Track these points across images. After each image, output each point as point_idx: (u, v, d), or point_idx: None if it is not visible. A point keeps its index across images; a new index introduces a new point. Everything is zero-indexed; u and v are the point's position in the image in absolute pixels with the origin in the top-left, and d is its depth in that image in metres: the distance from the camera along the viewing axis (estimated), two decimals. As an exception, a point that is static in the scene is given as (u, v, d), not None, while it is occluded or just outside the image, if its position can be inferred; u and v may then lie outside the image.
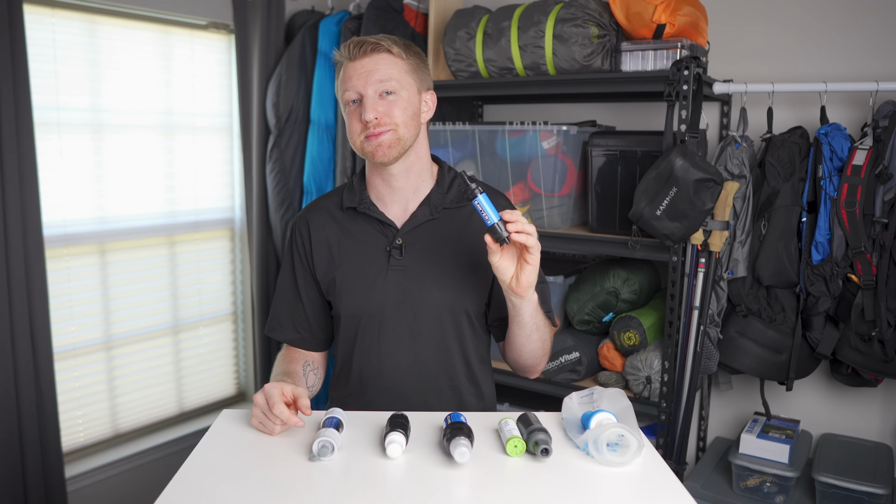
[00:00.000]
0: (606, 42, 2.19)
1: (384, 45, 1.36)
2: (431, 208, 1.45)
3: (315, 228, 1.49)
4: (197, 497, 1.04)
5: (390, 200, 1.46)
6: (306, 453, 1.17)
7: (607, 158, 2.24)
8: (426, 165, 1.48)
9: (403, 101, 1.37)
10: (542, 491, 1.07)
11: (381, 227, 1.45)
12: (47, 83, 2.41)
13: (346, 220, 1.48)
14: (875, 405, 2.25)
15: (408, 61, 1.39)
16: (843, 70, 2.21)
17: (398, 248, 1.43)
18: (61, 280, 2.51)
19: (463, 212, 1.47)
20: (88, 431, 2.68)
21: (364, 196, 1.47)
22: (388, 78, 1.35)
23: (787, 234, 2.05)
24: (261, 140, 2.95)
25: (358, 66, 1.35)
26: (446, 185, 1.48)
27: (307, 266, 1.50)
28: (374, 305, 1.43)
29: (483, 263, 1.44)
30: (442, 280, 1.43)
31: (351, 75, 1.36)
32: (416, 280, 1.43)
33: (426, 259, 1.44)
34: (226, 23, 2.93)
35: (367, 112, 1.33)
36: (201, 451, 1.18)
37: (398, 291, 1.42)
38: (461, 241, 1.45)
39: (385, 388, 1.47)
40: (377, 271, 1.43)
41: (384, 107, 1.35)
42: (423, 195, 1.47)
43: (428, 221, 1.45)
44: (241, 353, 3.24)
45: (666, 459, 1.72)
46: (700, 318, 2.10)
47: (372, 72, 1.35)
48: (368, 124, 1.34)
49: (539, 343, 1.44)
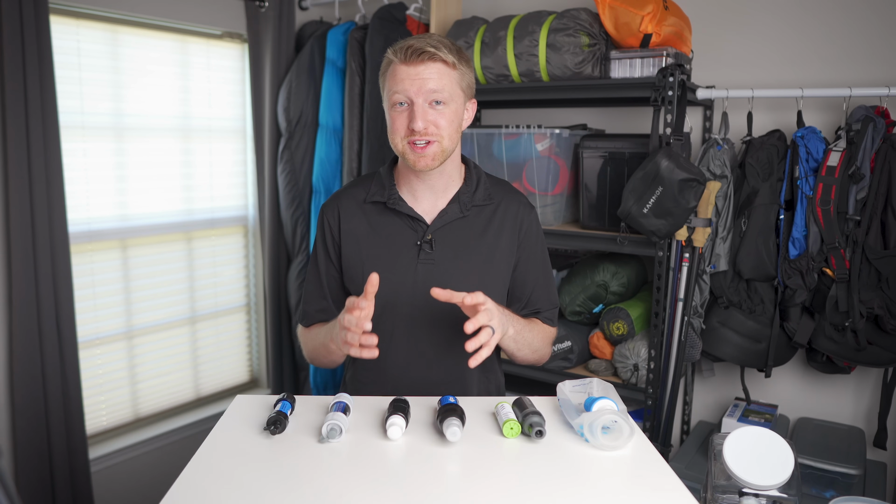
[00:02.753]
0: (596, 50, 2.18)
1: (440, 55, 1.30)
2: (461, 206, 1.42)
3: (345, 218, 1.44)
4: (215, 477, 1.04)
5: (422, 197, 1.43)
6: (316, 435, 1.17)
7: (597, 159, 2.24)
8: (457, 165, 1.45)
9: (451, 112, 1.34)
10: (535, 469, 1.07)
11: (410, 221, 1.42)
12: (72, 89, 2.41)
13: (374, 212, 1.44)
14: (848, 391, 2.25)
15: (459, 71, 1.35)
16: (818, 77, 2.21)
17: (428, 243, 1.40)
18: (85, 274, 2.51)
19: (487, 209, 1.45)
20: (111, 416, 2.68)
21: (393, 191, 1.43)
22: (440, 88, 1.31)
23: (765, 230, 2.05)
24: (272, 142, 2.95)
25: (412, 71, 1.30)
26: (474, 183, 1.45)
27: (336, 252, 1.46)
28: (404, 296, 1.40)
29: (504, 258, 1.44)
30: (468, 274, 1.41)
31: (403, 78, 1.30)
32: (444, 273, 1.39)
33: (454, 254, 1.41)
34: (240, 32, 2.92)
35: (417, 121, 1.30)
36: (217, 434, 1.18)
37: (427, 283, 1.37)
38: (485, 237, 1.43)
39: (408, 377, 1.44)
40: (407, 263, 1.40)
41: (433, 116, 1.32)
42: (452, 193, 1.44)
43: (457, 219, 1.42)
44: (254, 342, 3.24)
45: (652, 442, 1.72)
46: (684, 309, 2.10)
47: (426, 80, 1.30)
48: (416, 132, 1.31)
49: (529, 352, 1.43)
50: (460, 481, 1.04)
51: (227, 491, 1.00)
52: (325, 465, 1.08)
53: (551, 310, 1.53)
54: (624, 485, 1.04)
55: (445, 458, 1.10)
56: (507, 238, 1.44)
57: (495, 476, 1.05)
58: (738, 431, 1.09)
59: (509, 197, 1.48)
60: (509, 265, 1.45)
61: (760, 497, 1.03)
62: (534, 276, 1.49)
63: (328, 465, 1.08)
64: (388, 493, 0.99)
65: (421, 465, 1.08)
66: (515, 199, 1.48)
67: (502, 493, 1.00)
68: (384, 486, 1.01)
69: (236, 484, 1.02)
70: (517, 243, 1.46)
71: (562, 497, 0.99)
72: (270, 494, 0.99)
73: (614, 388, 1.27)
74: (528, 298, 1.49)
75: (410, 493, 0.99)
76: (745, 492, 1.04)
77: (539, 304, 1.51)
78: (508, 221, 1.45)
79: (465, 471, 1.07)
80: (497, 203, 1.46)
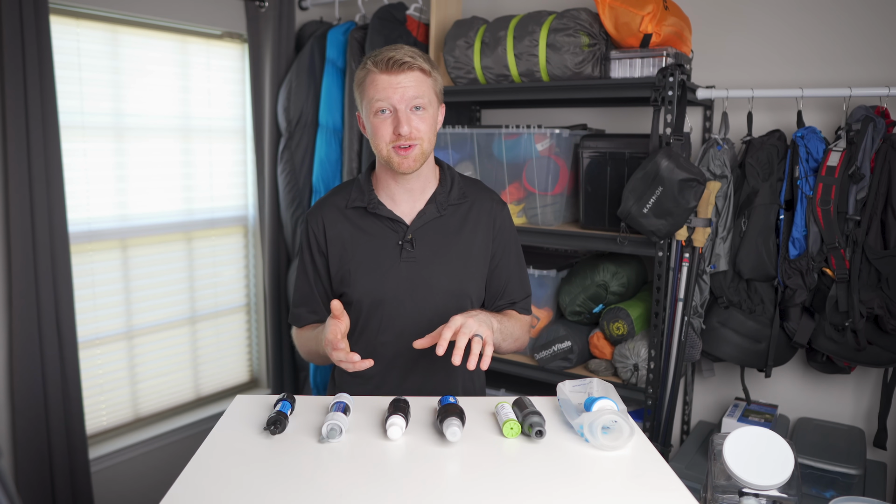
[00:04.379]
0: (596, 50, 2.18)
1: (418, 64, 1.38)
2: (438, 206, 1.50)
3: (329, 225, 1.51)
4: (215, 477, 1.04)
5: (400, 199, 1.50)
6: (316, 435, 1.17)
7: (597, 159, 2.24)
8: (432, 168, 1.54)
9: (430, 117, 1.42)
10: (535, 469, 1.07)
11: (391, 223, 1.49)
12: (72, 89, 2.40)
13: (356, 217, 1.51)
14: (848, 391, 2.25)
15: (433, 78, 1.43)
16: (818, 77, 2.21)
17: (409, 242, 1.47)
18: (85, 274, 2.51)
19: (462, 207, 1.53)
20: (111, 415, 2.68)
21: (372, 196, 1.50)
22: (420, 95, 1.39)
23: (765, 230, 2.05)
24: (272, 142, 2.95)
25: (393, 80, 1.37)
26: (449, 184, 1.53)
27: (323, 259, 1.52)
28: (389, 293, 1.47)
29: (480, 253, 1.52)
30: (448, 269, 1.48)
31: (385, 87, 1.37)
32: (426, 270, 1.47)
33: (434, 251, 1.48)
34: (240, 32, 2.92)
35: (403, 126, 1.37)
36: (217, 434, 1.19)
37: (410, 280, 1.47)
38: (462, 234, 1.51)
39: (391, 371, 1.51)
40: (390, 263, 1.47)
41: (415, 121, 1.39)
42: (428, 194, 1.51)
43: (435, 219, 1.49)
44: (254, 342, 3.24)
45: (652, 442, 1.72)
46: (684, 309, 2.10)
47: (407, 88, 1.37)
48: (402, 136, 1.37)
49: (511, 341, 1.51)
50: (460, 481, 1.04)
51: (227, 491, 1.00)
52: (325, 465, 1.08)
53: (525, 299, 1.61)
54: (624, 485, 1.04)
55: (445, 458, 1.10)
56: (483, 234, 1.52)
57: (495, 476, 1.05)
58: (738, 431, 1.09)
59: (483, 195, 1.56)
60: (486, 259, 1.53)
61: (760, 497, 1.03)
62: (509, 269, 1.57)
63: (328, 465, 1.08)
64: (388, 493, 0.99)
65: (421, 465, 1.08)
66: (489, 197, 1.57)
67: (502, 493, 1.00)
68: (384, 486, 1.01)
69: (236, 484, 1.02)
70: (492, 238, 1.54)
71: (562, 497, 0.99)
72: (270, 494, 0.99)
73: (614, 388, 1.27)
74: (505, 289, 1.57)
75: (410, 493, 0.99)
76: (745, 492, 1.04)
77: (515, 295, 1.59)
78: (483, 218, 1.53)
79: (465, 471, 1.07)
80: (472, 201, 1.54)
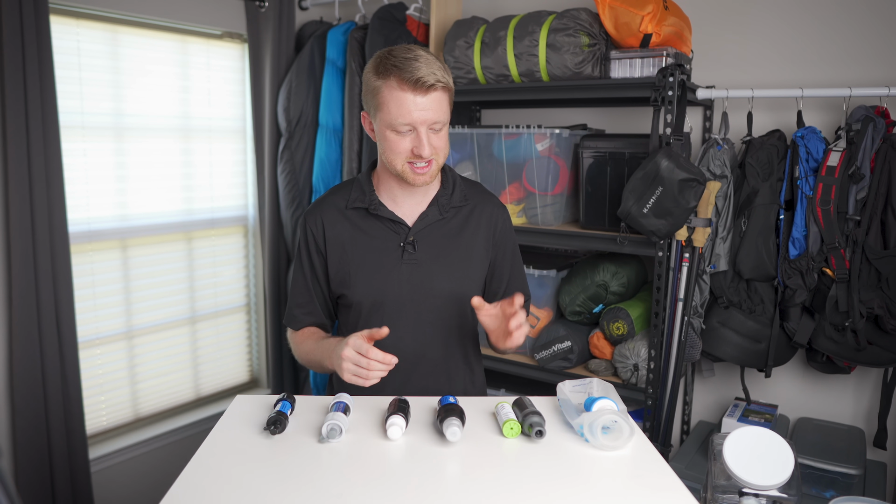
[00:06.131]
0: (596, 50, 2.18)
1: (442, 83, 1.34)
2: (440, 208, 1.49)
3: (329, 225, 1.49)
4: (215, 477, 1.04)
5: (402, 201, 1.48)
6: (316, 435, 1.17)
7: (597, 159, 2.24)
8: None
9: (446, 133, 1.41)
10: (535, 469, 1.07)
11: (392, 225, 1.47)
12: (72, 89, 2.40)
13: (357, 217, 1.49)
14: (848, 391, 2.25)
15: (451, 91, 1.39)
16: (818, 77, 2.21)
17: (411, 244, 1.46)
18: (85, 274, 2.51)
19: (464, 210, 1.52)
20: (111, 415, 2.68)
21: (373, 197, 1.48)
22: (441, 116, 1.36)
23: (765, 230, 2.05)
24: (272, 142, 2.95)
25: (420, 102, 1.32)
26: (451, 186, 1.52)
27: (321, 259, 1.51)
28: (391, 295, 1.46)
29: (480, 255, 1.52)
30: (449, 271, 1.48)
31: (412, 109, 1.33)
32: (427, 272, 1.46)
33: (436, 253, 1.47)
34: (240, 32, 2.92)
35: (425, 148, 1.35)
36: (217, 434, 1.19)
37: (411, 282, 1.46)
38: (463, 236, 1.50)
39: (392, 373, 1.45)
40: (392, 265, 1.46)
41: (435, 140, 1.37)
42: (431, 196, 1.50)
43: (437, 221, 1.49)
44: (254, 342, 3.24)
45: (652, 442, 1.72)
46: (684, 309, 2.10)
47: (432, 111, 1.34)
48: (422, 157, 1.35)
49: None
50: (460, 481, 1.04)
51: (227, 491, 1.00)
52: (325, 465, 1.08)
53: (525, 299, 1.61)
54: (624, 485, 1.04)
55: (445, 458, 1.10)
56: (484, 236, 1.53)
57: (495, 476, 1.05)
58: (738, 431, 1.09)
59: (484, 198, 1.57)
60: (486, 261, 1.54)
61: (760, 497, 1.03)
62: (508, 270, 1.59)
63: (328, 465, 1.08)
64: (388, 493, 0.99)
65: (421, 465, 1.08)
66: (490, 201, 1.57)
67: (502, 493, 1.00)
68: (384, 486, 1.01)
69: (236, 484, 1.02)
70: (493, 241, 1.55)
71: (562, 497, 0.99)
72: (270, 494, 0.99)
73: (614, 388, 1.27)
74: (504, 290, 1.57)
75: (410, 493, 1.00)
76: (745, 492, 1.04)
77: None
78: (484, 221, 1.53)
79: (465, 471, 1.07)
80: (473, 204, 1.54)
